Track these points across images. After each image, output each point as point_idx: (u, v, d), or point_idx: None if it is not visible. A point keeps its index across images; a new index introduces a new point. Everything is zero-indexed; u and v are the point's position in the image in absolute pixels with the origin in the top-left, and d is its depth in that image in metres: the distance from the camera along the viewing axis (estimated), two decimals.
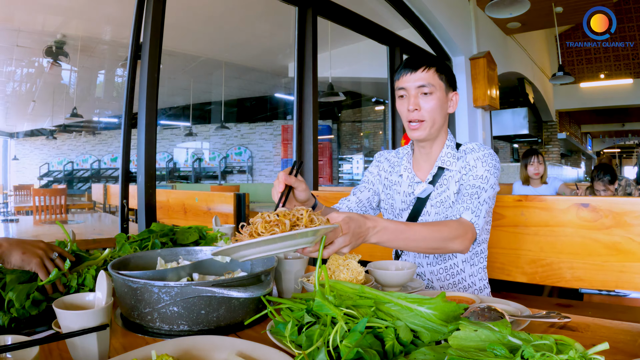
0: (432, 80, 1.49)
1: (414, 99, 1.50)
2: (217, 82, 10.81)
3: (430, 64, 1.50)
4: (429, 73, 1.49)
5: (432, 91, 1.49)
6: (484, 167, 1.48)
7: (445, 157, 1.57)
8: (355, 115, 13.55)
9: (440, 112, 1.52)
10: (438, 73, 1.50)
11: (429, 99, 1.50)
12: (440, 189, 1.56)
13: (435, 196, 1.56)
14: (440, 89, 1.51)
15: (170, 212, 4.27)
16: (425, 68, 1.50)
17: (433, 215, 1.56)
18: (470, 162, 1.51)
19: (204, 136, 14.60)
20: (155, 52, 2.54)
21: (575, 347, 0.65)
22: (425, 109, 1.50)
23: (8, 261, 1.09)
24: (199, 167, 14.50)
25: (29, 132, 15.61)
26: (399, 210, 1.65)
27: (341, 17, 4.00)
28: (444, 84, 1.52)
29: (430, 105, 1.50)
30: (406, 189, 1.63)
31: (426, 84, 1.49)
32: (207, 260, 1.27)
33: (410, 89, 1.51)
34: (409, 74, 1.51)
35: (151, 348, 0.77)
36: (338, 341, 0.74)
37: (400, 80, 1.54)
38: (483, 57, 5.99)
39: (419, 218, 1.58)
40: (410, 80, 1.51)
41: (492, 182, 1.47)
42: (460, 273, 1.57)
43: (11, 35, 7.18)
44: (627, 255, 1.70)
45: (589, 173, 16.01)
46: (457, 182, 1.53)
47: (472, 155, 1.52)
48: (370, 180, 1.76)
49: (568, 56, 12.53)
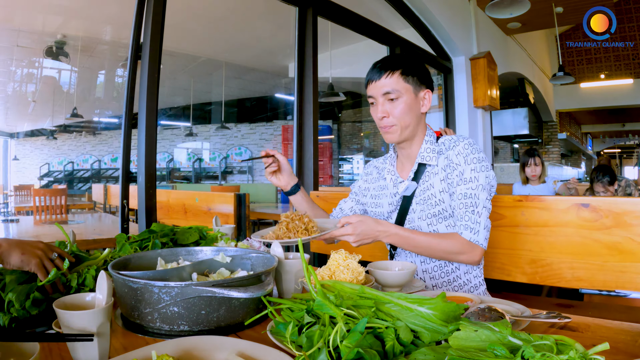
0: (396, 86, 1.48)
1: (381, 106, 1.51)
2: (218, 82, 10.81)
3: (394, 68, 1.49)
4: (392, 78, 1.48)
5: (398, 96, 1.48)
6: (469, 166, 1.47)
7: (424, 153, 1.56)
8: (355, 116, 13.54)
9: (410, 115, 1.51)
10: (403, 76, 1.49)
11: (396, 104, 1.49)
12: (423, 185, 1.55)
13: (419, 193, 1.56)
14: (406, 92, 1.49)
15: (170, 212, 4.27)
16: (389, 73, 1.48)
17: (418, 212, 1.55)
18: (453, 159, 1.50)
19: (204, 136, 14.60)
20: (156, 53, 2.54)
21: (575, 347, 0.65)
22: (394, 115, 1.50)
23: (7, 262, 1.09)
24: (199, 168, 14.50)
25: (29, 132, 15.62)
26: (387, 213, 1.66)
27: (341, 18, 4.00)
28: (411, 86, 1.50)
29: (398, 110, 1.49)
30: (391, 190, 1.64)
31: (391, 90, 1.48)
32: (207, 260, 1.27)
33: (377, 96, 1.51)
34: (374, 81, 1.51)
35: (151, 348, 0.77)
36: (338, 341, 0.74)
37: (368, 88, 1.54)
38: (483, 57, 5.98)
39: (406, 216, 1.58)
40: (376, 88, 1.51)
41: (482, 181, 1.45)
42: (455, 271, 1.56)
43: (11, 35, 7.19)
44: (627, 256, 1.70)
45: (589, 173, 16.01)
46: (442, 180, 1.52)
47: (452, 151, 1.51)
48: (355, 192, 1.82)
49: (568, 56, 12.53)
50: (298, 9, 3.52)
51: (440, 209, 1.52)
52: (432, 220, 1.53)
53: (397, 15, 5.11)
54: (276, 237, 1.38)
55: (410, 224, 1.57)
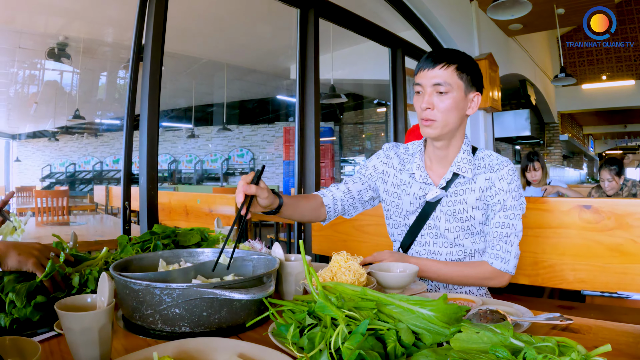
0: (449, 79, 1.40)
1: (428, 97, 1.41)
2: (219, 84, 10.82)
3: (451, 61, 1.41)
4: (447, 71, 1.40)
5: (448, 90, 1.40)
6: (511, 195, 1.44)
7: (461, 163, 1.48)
8: (357, 117, 13.55)
9: (455, 114, 1.42)
10: (458, 71, 1.40)
11: (444, 98, 1.40)
12: (454, 197, 1.48)
13: (447, 203, 1.49)
14: (458, 88, 1.41)
15: (172, 214, 4.28)
16: (445, 65, 1.40)
17: (443, 221, 1.50)
18: (496, 183, 1.45)
19: (206, 138, 14.62)
20: (158, 54, 2.54)
21: (577, 349, 0.65)
22: (439, 109, 1.41)
23: (5, 264, 1.10)
24: (200, 169, 14.52)
25: (31, 134, 15.67)
26: (406, 212, 1.57)
27: (343, 19, 4.00)
28: (463, 84, 1.42)
29: (445, 105, 1.41)
30: (417, 191, 1.54)
31: (442, 82, 1.39)
32: (209, 262, 1.27)
33: (426, 85, 1.42)
34: (426, 69, 1.42)
35: (153, 350, 0.77)
36: (340, 343, 0.74)
37: (418, 75, 1.45)
38: (485, 58, 5.98)
39: (426, 222, 1.53)
40: (427, 77, 1.42)
41: (519, 209, 1.46)
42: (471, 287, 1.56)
43: (13, 37, 7.20)
44: (629, 257, 1.69)
45: (591, 175, 16.00)
46: (477, 199, 1.46)
47: (496, 174, 1.46)
48: (370, 174, 1.66)
49: (570, 58, 12.51)
50: (300, 11, 3.52)
51: (469, 225, 1.48)
52: (459, 235, 1.49)
53: (398, 17, 5.11)
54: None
55: (432, 230, 1.53)
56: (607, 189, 4.10)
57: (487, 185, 1.46)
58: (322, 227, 2.39)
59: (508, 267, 1.43)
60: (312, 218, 1.61)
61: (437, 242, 1.53)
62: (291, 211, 1.48)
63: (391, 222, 1.65)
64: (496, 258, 1.43)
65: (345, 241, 2.49)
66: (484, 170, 1.48)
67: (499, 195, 1.44)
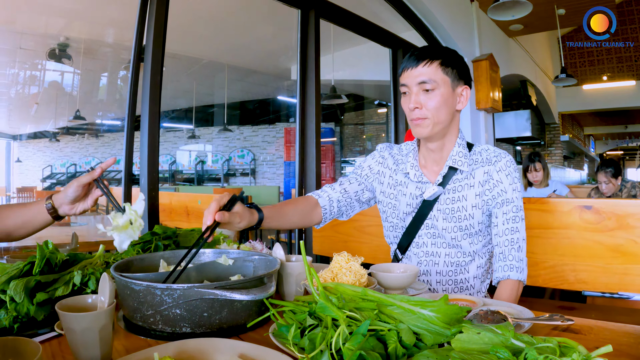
0: (434, 76, 1.37)
1: (415, 97, 1.38)
2: (220, 85, 10.83)
3: (434, 57, 1.38)
4: (431, 67, 1.37)
5: (434, 87, 1.37)
6: (512, 187, 1.43)
7: (456, 157, 1.45)
8: (357, 118, 13.55)
9: (445, 110, 1.39)
10: (443, 67, 1.38)
11: (432, 95, 1.37)
12: (452, 194, 1.46)
13: (444, 201, 1.46)
14: (444, 84, 1.38)
15: (172, 214, 4.28)
16: (428, 62, 1.37)
17: (441, 221, 1.47)
18: (494, 176, 1.44)
19: (206, 138, 14.63)
20: (158, 55, 2.54)
21: (578, 349, 0.65)
22: (428, 107, 1.38)
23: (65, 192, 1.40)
24: (201, 170, 14.52)
25: (32, 135, 15.69)
26: (403, 214, 1.54)
27: (344, 20, 4.00)
28: (449, 78, 1.39)
29: (433, 103, 1.37)
30: (413, 191, 1.51)
31: (427, 79, 1.36)
32: (209, 262, 1.27)
33: (412, 85, 1.39)
34: (410, 68, 1.39)
35: (153, 350, 0.77)
36: (341, 344, 0.74)
37: (402, 76, 1.42)
38: (485, 59, 5.98)
39: (424, 222, 1.50)
40: (411, 76, 1.39)
41: (520, 203, 1.45)
42: (469, 288, 1.53)
43: (14, 37, 7.21)
44: (630, 258, 1.69)
45: (592, 175, 15.99)
46: (477, 195, 1.44)
47: (494, 167, 1.44)
48: (366, 175, 1.62)
49: (571, 58, 12.50)
50: (300, 12, 3.52)
51: (467, 224, 1.45)
52: (457, 235, 1.47)
53: (399, 18, 5.11)
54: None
55: (430, 230, 1.50)
56: (604, 191, 4.11)
57: (485, 178, 1.45)
58: (323, 227, 2.39)
59: (523, 277, 1.42)
60: (304, 223, 1.55)
61: (435, 242, 1.51)
62: (275, 222, 1.41)
63: (387, 224, 1.62)
64: (511, 269, 1.41)
65: (346, 242, 2.49)
66: (482, 164, 1.47)
67: (497, 188, 1.43)
